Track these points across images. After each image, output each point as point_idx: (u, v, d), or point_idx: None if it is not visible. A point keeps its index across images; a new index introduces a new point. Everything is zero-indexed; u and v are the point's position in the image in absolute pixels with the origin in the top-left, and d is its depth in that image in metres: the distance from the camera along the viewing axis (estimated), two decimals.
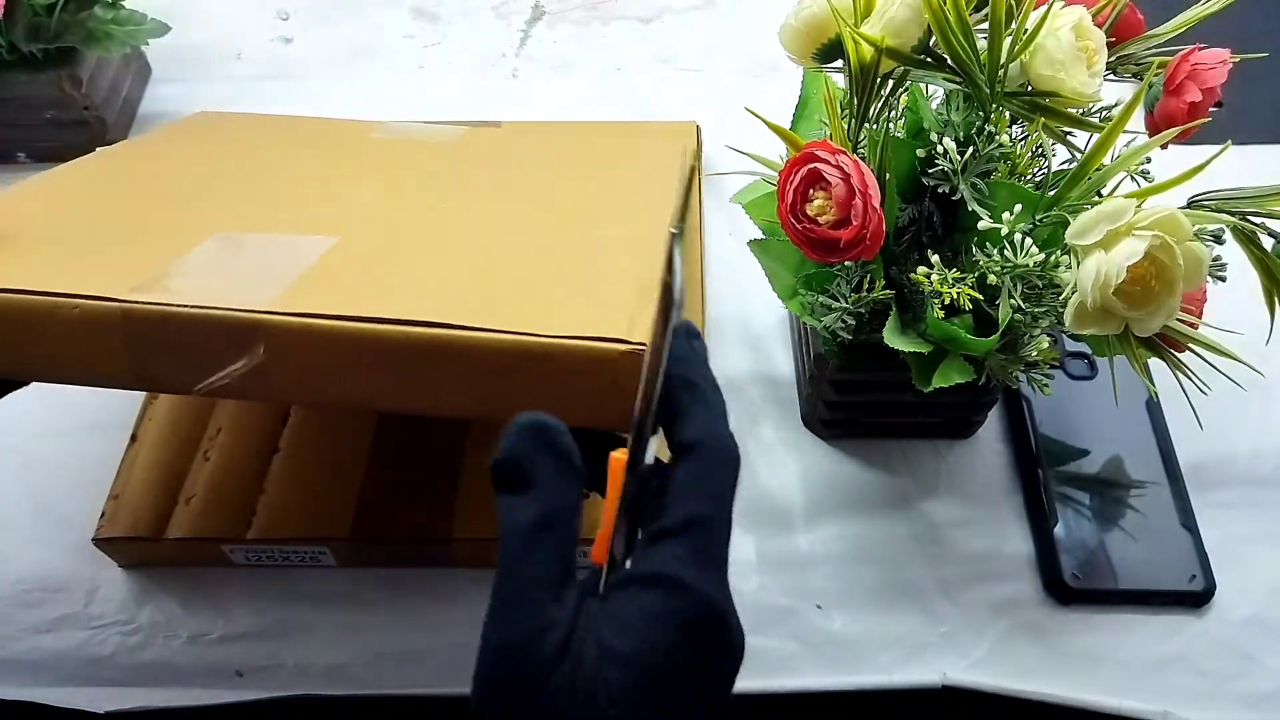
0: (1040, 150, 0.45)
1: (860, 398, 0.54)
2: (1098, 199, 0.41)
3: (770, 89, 0.53)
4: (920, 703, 0.50)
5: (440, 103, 0.75)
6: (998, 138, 0.43)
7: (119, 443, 0.53)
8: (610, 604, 0.27)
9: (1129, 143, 0.41)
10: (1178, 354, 0.41)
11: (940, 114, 0.46)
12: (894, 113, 0.46)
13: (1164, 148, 0.40)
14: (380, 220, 0.44)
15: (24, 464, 0.56)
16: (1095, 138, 0.40)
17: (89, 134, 0.70)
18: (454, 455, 0.53)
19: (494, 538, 0.50)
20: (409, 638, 0.50)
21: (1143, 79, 0.44)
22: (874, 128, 0.44)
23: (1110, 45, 0.44)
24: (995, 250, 0.41)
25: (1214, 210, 0.41)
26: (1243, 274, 0.41)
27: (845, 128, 0.44)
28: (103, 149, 0.53)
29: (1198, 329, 0.40)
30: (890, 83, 0.44)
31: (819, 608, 0.51)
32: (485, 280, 0.38)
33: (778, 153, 0.49)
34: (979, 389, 0.45)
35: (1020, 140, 0.45)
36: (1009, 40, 0.40)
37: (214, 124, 0.60)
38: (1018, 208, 0.41)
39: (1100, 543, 0.52)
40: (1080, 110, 0.42)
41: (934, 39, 0.41)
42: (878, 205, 0.40)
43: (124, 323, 0.34)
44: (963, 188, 0.43)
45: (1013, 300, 0.42)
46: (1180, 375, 0.42)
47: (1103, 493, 0.54)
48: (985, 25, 0.40)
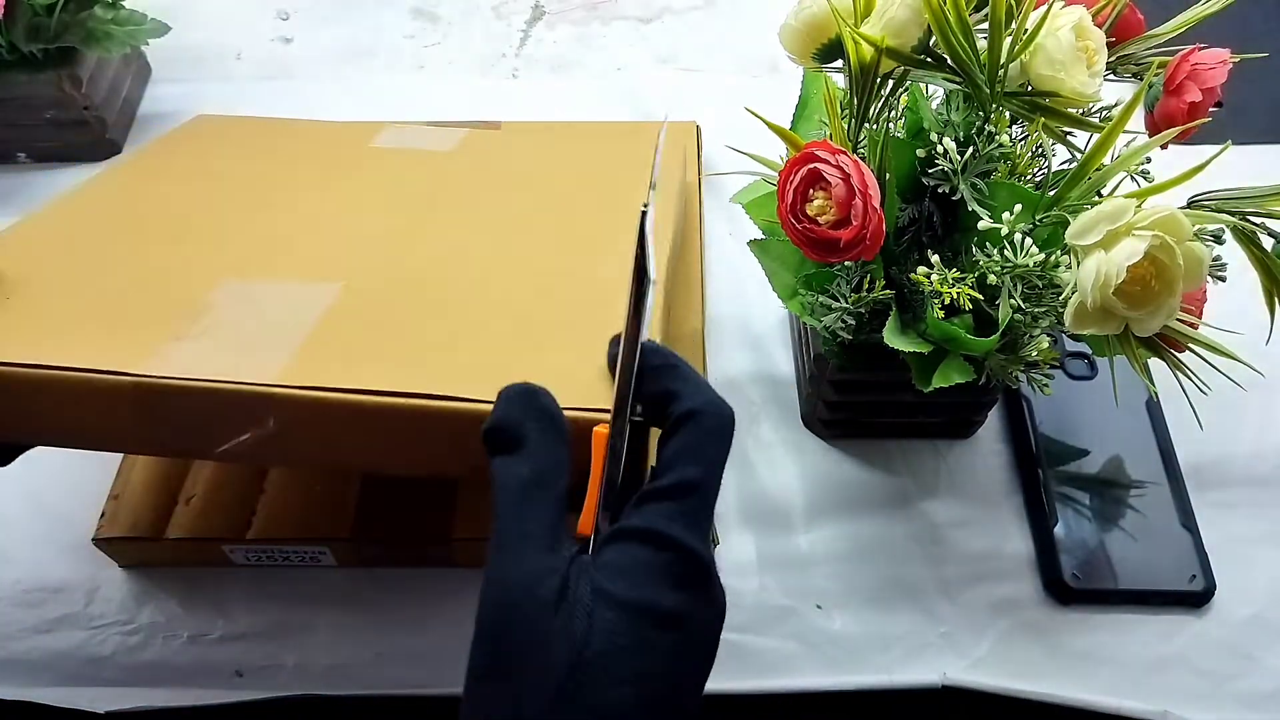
0: (1040, 150, 0.45)
1: (860, 398, 0.54)
2: (1098, 199, 0.41)
3: (770, 89, 0.52)
4: (920, 703, 0.50)
5: (440, 103, 0.75)
6: (998, 138, 0.43)
7: None
8: (603, 555, 0.28)
9: (1129, 143, 0.41)
10: (1178, 354, 0.41)
11: (940, 114, 0.46)
12: (894, 113, 0.46)
13: (1164, 147, 0.40)
14: (382, 263, 0.45)
15: (24, 464, 0.55)
16: (1095, 138, 0.40)
17: (89, 134, 0.70)
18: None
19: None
20: (409, 638, 0.50)
21: (1142, 79, 0.44)
22: (874, 128, 0.44)
23: (1110, 45, 0.44)
24: (995, 250, 0.41)
25: (1214, 210, 0.41)
26: (1243, 274, 0.41)
27: (845, 128, 0.44)
28: (109, 167, 0.54)
29: (1198, 329, 0.40)
30: (890, 83, 0.44)
31: (819, 608, 0.51)
32: (481, 341, 0.40)
33: (778, 153, 0.49)
34: (979, 389, 0.45)
35: (1020, 140, 0.45)
36: (1009, 40, 0.40)
37: (215, 134, 0.60)
38: (1018, 208, 0.41)
39: (1100, 543, 0.52)
40: (1080, 110, 0.42)
41: (934, 39, 0.41)
42: (878, 205, 0.40)
43: (134, 393, 0.35)
44: (963, 188, 0.43)
45: (1013, 300, 0.42)
46: (1180, 375, 0.42)
47: (1103, 493, 0.54)
48: (985, 25, 0.40)
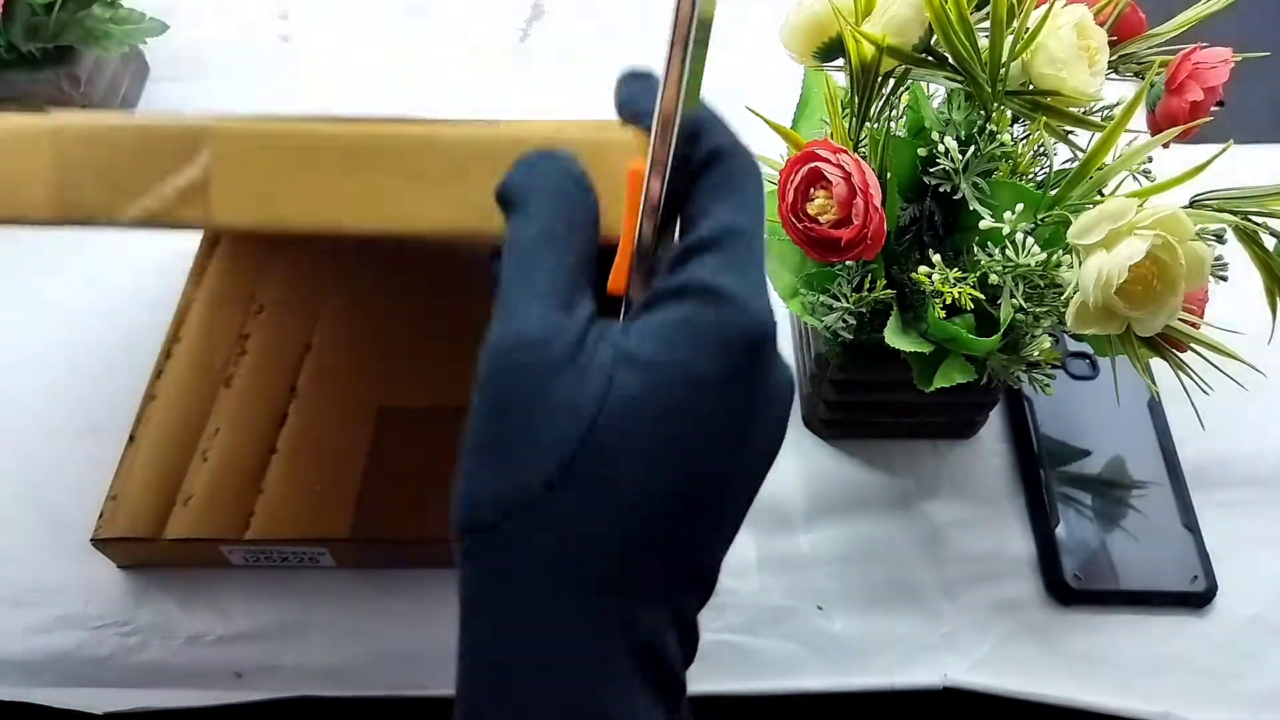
0: (1042, 149, 0.45)
1: (861, 398, 0.54)
2: (1099, 198, 0.40)
3: (770, 88, 0.52)
4: (921, 704, 0.50)
5: (439, 100, 0.74)
6: (999, 137, 0.43)
7: (117, 443, 0.53)
8: (634, 323, 0.24)
9: (1130, 142, 0.41)
10: (1180, 354, 0.41)
11: (941, 113, 0.46)
12: (895, 111, 0.46)
13: (1165, 146, 0.40)
14: None
15: (22, 464, 0.56)
16: (1097, 137, 0.40)
17: None
18: (455, 454, 0.52)
19: None
20: (409, 639, 0.50)
21: (1144, 78, 0.44)
22: (875, 127, 0.44)
23: (1111, 44, 0.44)
24: (997, 250, 0.41)
25: (1216, 210, 0.40)
26: (1245, 274, 0.41)
27: (846, 126, 0.44)
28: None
29: (1199, 329, 0.40)
30: (891, 81, 0.44)
31: (820, 609, 0.51)
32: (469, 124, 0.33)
33: (778, 151, 0.49)
34: (980, 389, 0.45)
35: (1022, 140, 0.45)
36: (1010, 39, 0.40)
37: None
38: (1019, 207, 0.41)
39: (1102, 543, 0.52)
40: (1081, 109, 0.42)
41: (935, 38, 0.41)
42: (879, 204, 0.40)
43: (53, 141, 0.31)
44: (964, 187, 0.43)
45: (1014, 300, 0.41)
46: (1182, 375, 0.41)
47: (1104, 493, 0.54)
48: (986, 24, 0.40)
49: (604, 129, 0.30)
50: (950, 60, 0.41)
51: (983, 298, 0.42)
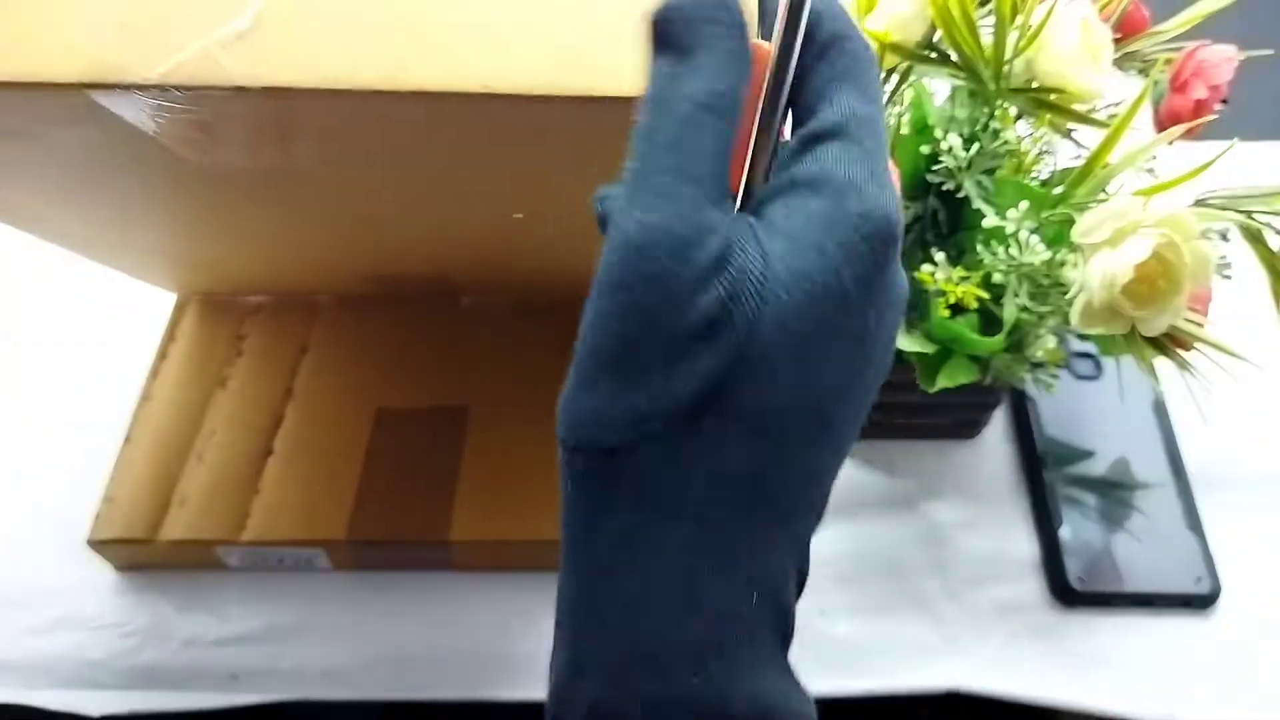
0: (1046, 147, 0.45)
1: None
2: (1104, 196, 0.40)
3: None
4: (924, 707, 0.49)
5: None
6: (1003, 134, 0.42)
7: (113, 444, 0.53)
8: (766, 214, 0.21)
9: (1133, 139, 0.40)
10: (1184, 353, 0.41)
11: (945, 110, 0.45)
12: (899, 108, 0.45)
13: (1169, 144, 0.40)
14: None
15: (18, 466, 0.55)
16: (1102, 135, 0.40)
17: None
18: (452, 456, 0.52)
19: (492, 541, 0.50)
20: (405, 642, 0.49)
21: (1148, 75, 0.43)
22: None
23: (1116, 41, 0.43)
24: (1001, 248, 0.41)
25: (1220, 209, 0.40)
26: (1248, 272, 0.41)
27: None
28: None
29: (1204, 328, 0.40)
30: (895, 78, 0.43)
31: (822, 612, 0.51)
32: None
33: None
34: (984, 389, 0.45)
35: (1025, 137, 0.45)
36: (1014, 35, 0.40)
37: None
38: (1023, 205, 0.41)
39: (1106, 545, 0.52)
40: (1085, 107, 0.42)
41: (939, 34, 0.41)
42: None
43: None
44: (968, 185, 0.42)
45: (1018, 299, 0.41)
46: (1186, 375, 0.41)
47: (1108, 494, 0.54)
48: (990, 20, 0.40)
49: None
50: (954, 57, 0.41)
51: (987, 297, 0.42)
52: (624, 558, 0.21)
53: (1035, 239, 0.40)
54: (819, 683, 0.49)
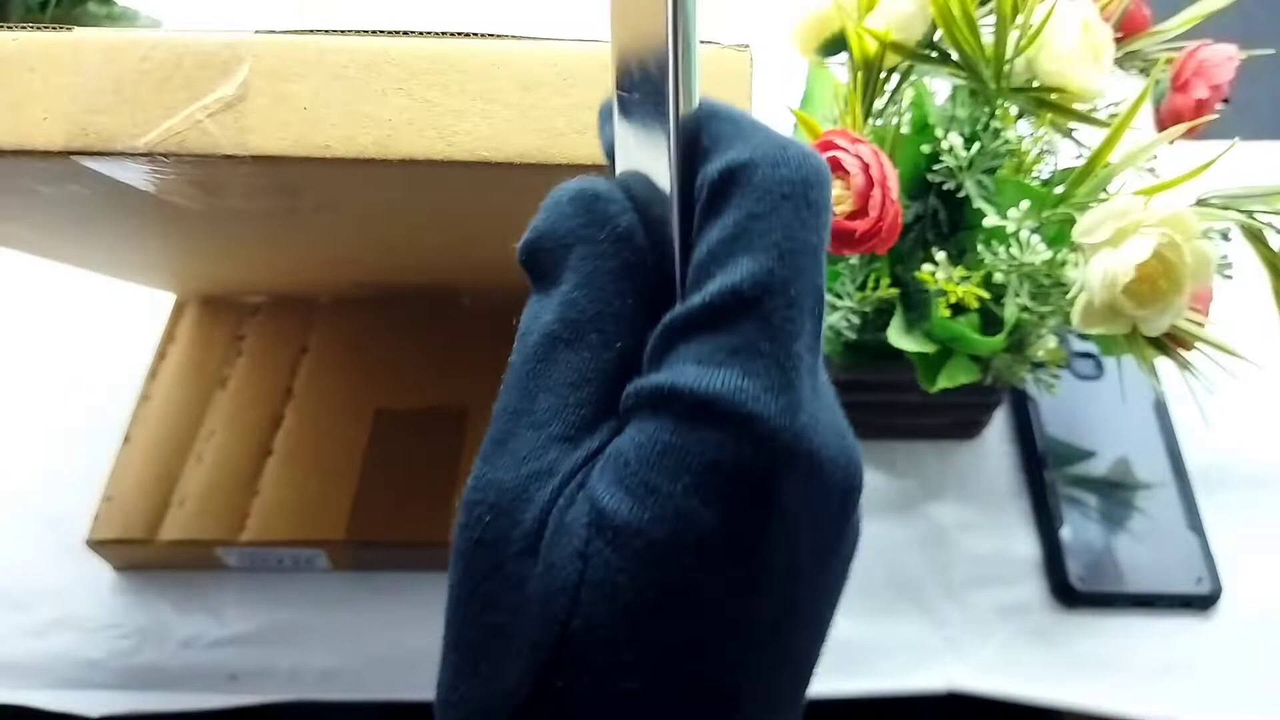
0: (1047, 146, 0.45)
1: (864, 398, 0.53)
2: (1104, 196, 0.40)
3: (769, 85, 0.52)
4: (925, 708, 0.49)
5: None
6: (1003, 133, 0.42)
7: (112, 444, 0.53)
8: (616, 442, 0.18)
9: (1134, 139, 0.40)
10: (1185, 353, 0.41)
11: (945, 109, 0.45)
12: (899, 107, 0.45)
13: (1170, 143, 0.40)
14: None
15: (17, 465, 0.55)
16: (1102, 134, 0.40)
17: None
18: (452, 456, 0.52)
19: None
20: (404, 642, 0.49)
21: (1149, 75, 0.43)
22: (878, 123, 0.43)
23: (1116, 41, 0.43)
24: (1001, 248, 0.41)
25: (1221, 208, 0.40)
26: (1249, 272, 0.41)
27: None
28: None
29: (1205, 328, 0.40)
30: (895, 77, 0.43)
31: None
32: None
33: None
34: (984, 389, 0.45)
35: (1026, 137, 0.45)
36: (1015, 35, 0.40)
37: None
38: (1024, 204, 0.40)
39: (1107, 545, 0.51)
40: (1086, 106, 0.42)
41: (939, 33, 0.41)
42: (895, 197, 0.39)
43: (73, 58, 0.28)
44: (968, 184, 0.42)
45: (1019, 299, 0.41)
46: (1188, 375, 0.41)
47: (1109, 494, 0.54)
48: (991, 19, 0.40)
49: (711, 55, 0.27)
50: (954, 56, 0.41)
51: (987, 296, 0.42)
52: None
53: (1036, 239, 0.40)
54: (819, 683, 0.49)
